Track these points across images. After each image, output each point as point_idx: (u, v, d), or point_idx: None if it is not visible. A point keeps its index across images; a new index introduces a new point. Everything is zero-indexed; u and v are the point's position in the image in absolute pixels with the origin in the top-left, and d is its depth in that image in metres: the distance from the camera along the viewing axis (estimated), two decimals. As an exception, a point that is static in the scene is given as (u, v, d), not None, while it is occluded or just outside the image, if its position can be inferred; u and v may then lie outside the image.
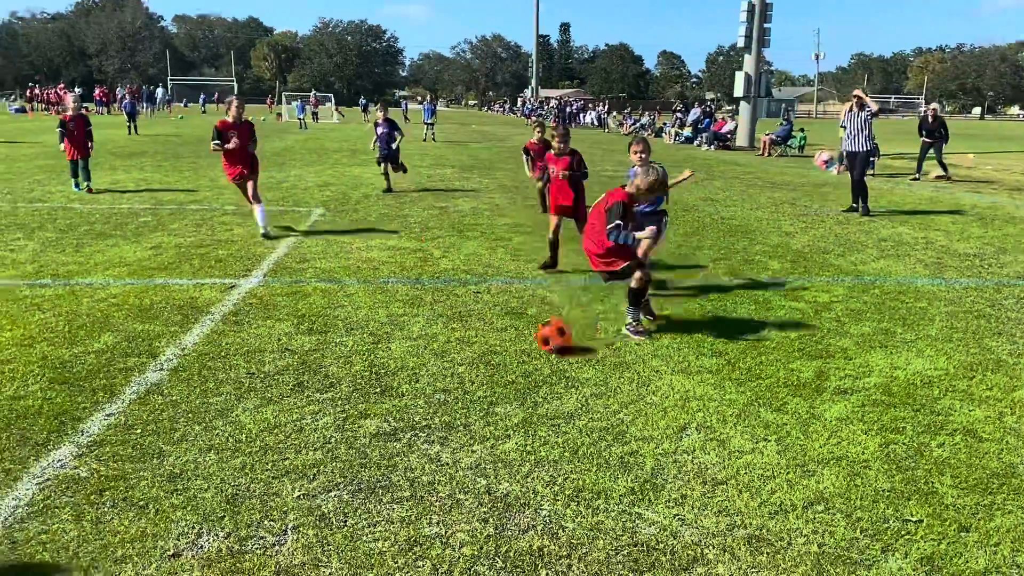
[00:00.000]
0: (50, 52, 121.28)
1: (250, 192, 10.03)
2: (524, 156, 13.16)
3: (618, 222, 5.96)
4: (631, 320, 6.21)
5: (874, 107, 13.24)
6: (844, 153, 13.97)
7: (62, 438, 4.19)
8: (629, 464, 4.05)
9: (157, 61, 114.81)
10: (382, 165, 14.93)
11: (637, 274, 6.07)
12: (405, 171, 15.70)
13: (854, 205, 13.41)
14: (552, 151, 8.54)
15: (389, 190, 14.79)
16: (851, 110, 13.30)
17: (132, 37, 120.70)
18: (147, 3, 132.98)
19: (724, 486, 3.85)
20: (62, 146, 14.00)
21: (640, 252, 6.40)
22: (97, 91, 54.80)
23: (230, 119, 10.05)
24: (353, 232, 10.51)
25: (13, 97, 77.61)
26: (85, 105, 14.90)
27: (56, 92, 57.15)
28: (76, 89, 21.88)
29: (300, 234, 10.28)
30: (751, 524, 3.51)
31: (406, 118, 50.25)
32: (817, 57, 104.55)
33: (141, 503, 3.57)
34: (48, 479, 3.76)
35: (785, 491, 3.81)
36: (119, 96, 52.57)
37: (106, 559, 3.15)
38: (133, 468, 3.89)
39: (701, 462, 4.09)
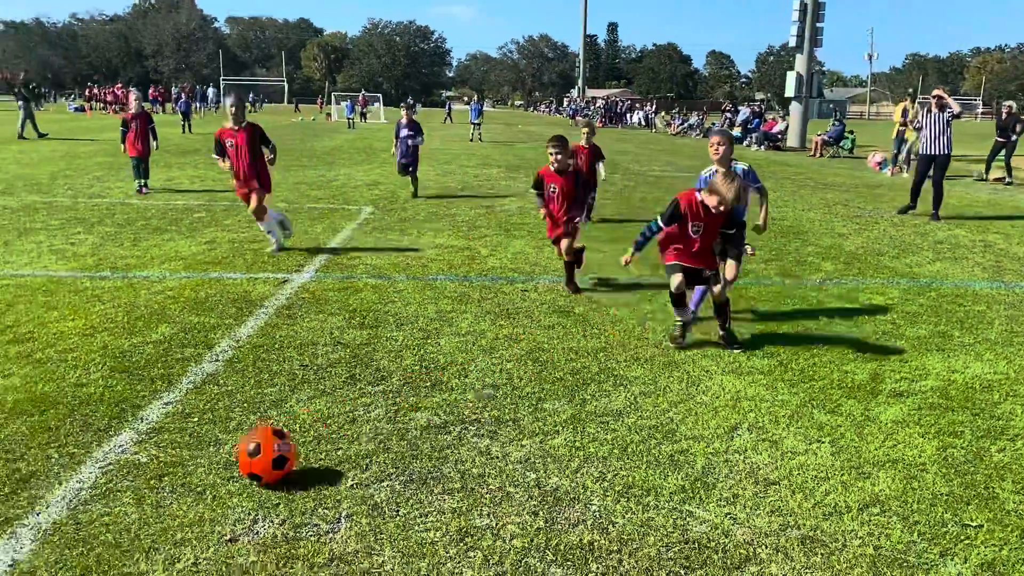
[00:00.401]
0: (108, 53, 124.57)
1: (252, 204, 8.64)
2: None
3: (655, 220, 5.72)
4: (678, 317, 5.96)
5: (956, 108, 12.63)
6: (919, 155, 13.07)
7: (123, 424, 4.31)
8: (679, 462, 4.03)
9: (211, 61, 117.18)
10: (402, 175, 14.14)
11: (716, 289, 5.74)
12: (415, 185, 14.10)
13: (911, 205, 13.07)
14: (552, 166, 7.20)
15: (415, 195, 13.89)
16: (929, 111, 12.81)
17: (187, 38, 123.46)
18: (201, 5, 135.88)
19: (776, 486, 3.80)
20: (124, 145, 14.26)
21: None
22: (152, 91, 56.07)
23: (228, 124, 8.64)
24: (402, 230, 10.61)
25: (73, 96, 79.85)
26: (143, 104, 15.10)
27: (113, 92, 58.62)
28: (134, 89, 22.36)
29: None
30: (805, 525, 3.47)
31: (449, 119, 50.51)
32: (870, 57, 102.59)
33: (199, 489, 3.65)
34: (110, 463, 3.87)
35: (839, 492, 3.75)
36: (174, 96, 53.74)
37: (166, 542, 3.23)
38: (191, 455, 3.98)
39: (753, 462, 4.05)
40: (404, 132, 13.82)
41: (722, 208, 5.54)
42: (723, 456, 4.11)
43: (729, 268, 6.06)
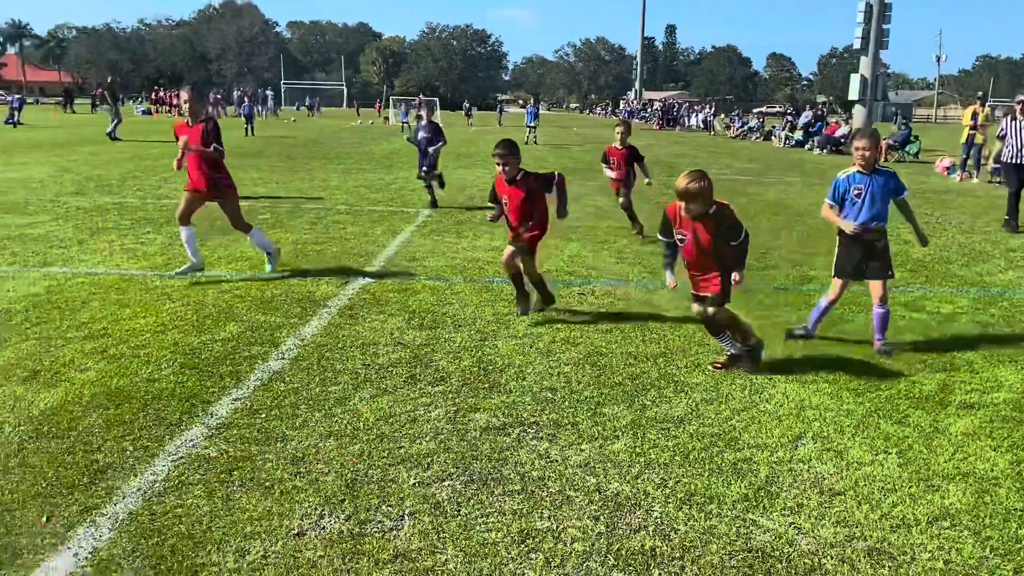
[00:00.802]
0: (174, 57, 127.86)
1: (230, 221, 8.03)
2: (603, 165, 10.71)
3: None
4: (726, 346, 5.50)
5: None
6: (1006, 165, 12.39)
7: (193, 419, 4.44)
8: (742, 471, 3.99)
9: (272, 65, 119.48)
10: (424, 179, 13.09)
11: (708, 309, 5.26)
12: (442, 185, 13.53)
13: (1015, 224, 12.07)
14: (501, 176, 6.48)
15: (434, 205, 12.87)
16: (1014, 118, 12.27)
17: (249, 42, 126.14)
18: (263, 10, 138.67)
19: (842, 497, 3.74)
20: (187, 149, 14.58)
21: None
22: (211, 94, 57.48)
23: (185, 119, 7.88)
24: (458, 232, 10.69)
25: (140, 100, 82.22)
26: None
27: (178, 94, 60.28)
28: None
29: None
30: (871, 536, 3.41)
31: (500, 123, 50.70)
32: (939, 59, 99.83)
33: (267, 484, 3.74)
34: (182, 457, 3.99)
35: (907, 505, 3.67)
36: (236, 99, 55.04)
37: (236, 535, 3.32)
38: (259, 450, 4.08)
39: (818, 472, 3.99)
40: (421, 134, 12.97)
41: (682, 205, 5.07)
42: (787, 465, 4.05)
43: (875, 288, 5.83)
